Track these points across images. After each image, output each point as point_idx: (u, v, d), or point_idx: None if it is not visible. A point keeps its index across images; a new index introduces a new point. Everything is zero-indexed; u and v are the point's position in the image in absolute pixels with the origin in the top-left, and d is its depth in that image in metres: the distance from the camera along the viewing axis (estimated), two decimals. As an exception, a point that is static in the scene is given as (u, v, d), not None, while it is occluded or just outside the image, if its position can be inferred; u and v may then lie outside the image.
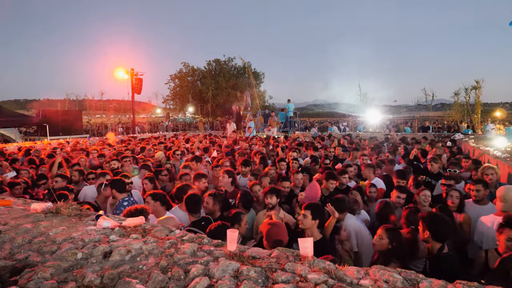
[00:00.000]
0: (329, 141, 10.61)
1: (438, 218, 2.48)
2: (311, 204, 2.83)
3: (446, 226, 2.44)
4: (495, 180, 3.99)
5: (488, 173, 4.01)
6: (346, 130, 18.76)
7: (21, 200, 3.02)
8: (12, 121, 16.21)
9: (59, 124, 16.79)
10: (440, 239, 2.41)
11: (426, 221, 2.48)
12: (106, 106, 42.30)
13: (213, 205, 3.33)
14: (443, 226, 2.43)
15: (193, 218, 3.06)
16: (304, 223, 2.73)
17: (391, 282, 1.38)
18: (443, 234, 2.41)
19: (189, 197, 3.15)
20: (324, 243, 2.75)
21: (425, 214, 2.60)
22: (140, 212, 2.68)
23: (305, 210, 2.75)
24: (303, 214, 2.74)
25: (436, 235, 2.41)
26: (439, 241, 2.41)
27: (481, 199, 3.42)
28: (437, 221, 2.44)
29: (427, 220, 2.48)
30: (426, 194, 3.53)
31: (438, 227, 2.41)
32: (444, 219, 2.48)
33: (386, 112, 30.16)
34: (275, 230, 2.44)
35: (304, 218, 2.73)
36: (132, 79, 19.33)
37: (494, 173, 4.02)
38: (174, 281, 1.41)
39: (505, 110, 29.30)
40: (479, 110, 21.25)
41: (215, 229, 2.51)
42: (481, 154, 6.60)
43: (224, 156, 6.91)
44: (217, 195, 3.40)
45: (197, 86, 36.96)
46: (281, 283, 1.37)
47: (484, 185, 3.45)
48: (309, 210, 2.72)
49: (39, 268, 1.49)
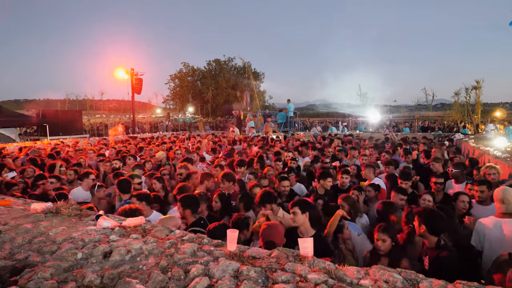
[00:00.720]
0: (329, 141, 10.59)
1: (432, 213, 2.57)
2: (297, 200, 2.85)
3: (441, 219, 2.51)
4: (497, 180, 3.98)
5: (490, 173, 4.00)
6: (345, 130, 18.75)
7: (21, 200, 3.02)
8: (12, 121, 16.21)
9: (59, 124, 16.79)
10: (436, 233, 2.48)
11: (421, 216, 2.54)
12: (106, 106, 42.26)
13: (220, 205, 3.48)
14: (438, 220, 2.50)
15: (192, 219, 3.07)
16: (296, 220, 2.73)
17: (391, 282, 1.38)
18: (438, 227, 2.48)
19: (188, 197, 3.16)
20: (318, 238, 2.74)
21: (420, 209, 2.68)
22: (134, 212, 2.70)
23: (293, 207, 2.75)
24: (292, 212, 2.75)
25: (432, 228, 2.47)
26: (435, 234, 2.47)
27: (485, 199, 3.42)
28: (432, 215, 2.52)
29: (422, 215, 2.54)
30: (427, 198, 3.52)
31: (433, 220, 2.48)
32: (439, 214, 2.56)
33: (386, 112, 30.15)
34: (267, 231, 2.43)
35: (294, 216, 2.73)
36: (132, 79, 19.31)
37: (496, 173, 4.02)
38: (174, 281, 1.41)
39: (505, 110, 29.24)
40: (479, 110, 21.23)
41: (214, 229, 2.51)
42: (481, 154, 6.60)
43: (224, 157, 6.91)
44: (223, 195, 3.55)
45: (197, 86, 36.97)
46: (281, 283, 1.37)
47: (488, 186, 3.45)
48: (296, 206, 2.73)
49: (39, 268, 1.49)
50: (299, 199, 2.90)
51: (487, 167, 4.18)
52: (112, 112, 45.64)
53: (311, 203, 2.86)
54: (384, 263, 2.53)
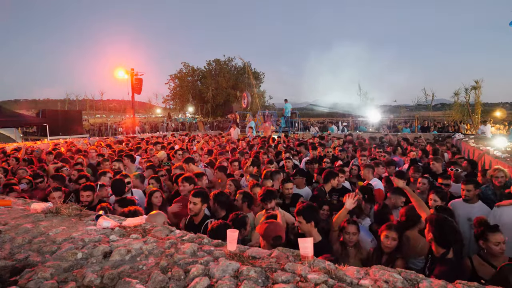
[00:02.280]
0: (328, 141, 10.59)
1: (444, 223, 2.35)
2: (301, 208, 2.79)
3: (451, 232, 2.32)
4: (503, 182, 3.95)
5: (498, 176, 3.97)
6: (345, 130, 18.73)
7: (21, 200, 3.02)
8: (12, 121, 16.19)
9: (59, 124, 16.79)
10: (444, 245, 2.31)
11: (432, 224, 2.37)
12: (106, 106, 42.27)
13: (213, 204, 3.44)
14: (448, 232, 2.30)
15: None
16: (302, 228, 2.76)
17: (391, 282, 1.38)
18: (447, 240, 2.31)
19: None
20: (323, 245, 2.75)
21: (433, 217, 2.47)
22: (134, 212, 2.72)
23: (297, 216, 2.76)
24: (297, 221, 2.77)
25: (440, 240, 2.31)
26: (443, 246, 2.31)
27: (471, 198, 3.50)
28: (442, 226, 2.32)
29: (433, 224, 2.37)
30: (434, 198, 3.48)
31: (443, 232, 2.30)
32: (451, 225, 2.35)
33: (386, 112, 30.15)
34: (272, 227, 2.43)
35: (300, 224, 2.75)
36: (132, 79, 19.32)
37: (504, 176, 3.97)
38: (174, 281, 1.41)
39: (505, 110, 29.27)
40: (479, 110, 21.24)
41: (212, 229, 2.52)
42: (481, 154, 6.59)
43: (218, 156, 6.88)
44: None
45: (197, 86, 36.97)
46: (281, 283, 1.37)
47: (475, 186, 3.52)
48: (301, 216, 2.73)
49: (39, 268, 1.49)
50: (302, 207, 2.79)
51: (495, 169, 4.07)
52: (112, 112, 45.64)
53: (314, 210, 2.82)
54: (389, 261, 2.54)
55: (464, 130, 18.03)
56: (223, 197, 3.48)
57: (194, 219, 3.18)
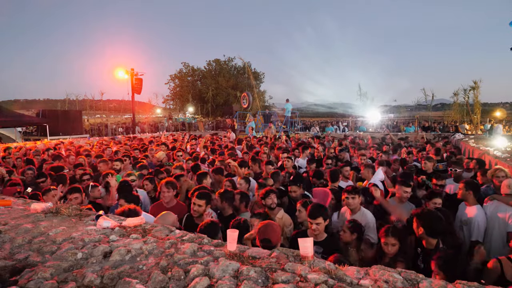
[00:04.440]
0: (329, 142, 10.58)
1: (431, 214, 2.50)
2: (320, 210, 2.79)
3: (440, 222, 2.46)
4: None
5: (499, 175, 3.95)
6: (346, 130, 18.74)
7: (21, 200, 3.02)
8: (12, 121, 16.20)
9: (59, 124, 16.80)
10: (435, 235, 2.43)
11: (420, 218, 2.48)
12: (106, 106, 42.27)
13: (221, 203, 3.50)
14: (437, 222, 2.44)
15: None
16: (320, 230, 2.75)
17: (391, 282, 1.38)
18: (438, 230, 2.43)
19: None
20: (328, 242, 2.76)
21: (419, 210, 2.59)
22: (134, 212, 2.71)
23: (317, 218, 2.74)
24: (316, 223, 2.73)
25: (430, 231, 2.42)
26: (433, 236, 2.43)
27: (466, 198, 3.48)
28: (430, 217, 2.46)
29: (421, 217, 2.48)
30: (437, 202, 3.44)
31: (432, 223, 2.43)
32: (437, 215, 2.50)
33: (386, 112, 30.15)
34: (262, 229, 2.39)
35: (318, 226, 2.73)
36: (132, 79, 19.31)
37: (505, 176, 3.95)
38: (174, 281, 1.41)
39: (505, 110, 29.26)
40: (478, 110, 21.24)
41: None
42: (481, 154, 6.59)
43: (218, 156, 6.87)
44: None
45: (197, 86, 36.98)
46: (281, 283, 1.37)
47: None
48: (321, 217, 2.74)
49: (39, 268, 1.49)
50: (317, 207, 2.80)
51: (496, 169, 4.04)
52: (112, 112, 45.65)
53: (326, 209, 2.90)
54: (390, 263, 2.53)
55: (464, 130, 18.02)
56: (230, 194, 3.54)
57: (196, 220, 3.19)
